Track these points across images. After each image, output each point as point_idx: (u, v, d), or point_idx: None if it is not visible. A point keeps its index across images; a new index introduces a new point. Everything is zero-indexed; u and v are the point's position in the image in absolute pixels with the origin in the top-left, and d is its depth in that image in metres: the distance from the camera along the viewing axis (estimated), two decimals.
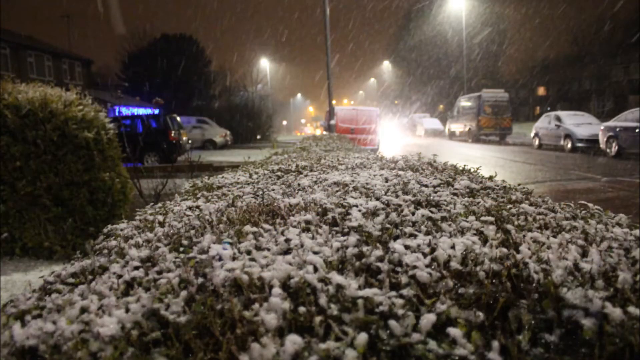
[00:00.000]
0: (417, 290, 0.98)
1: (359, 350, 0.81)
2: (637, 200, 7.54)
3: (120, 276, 1.21)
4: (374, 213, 1.57)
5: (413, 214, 1.55)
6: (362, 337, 0.83)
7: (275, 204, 1.79)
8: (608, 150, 15.13)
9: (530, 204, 1.78)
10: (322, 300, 0.94)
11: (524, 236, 1.31)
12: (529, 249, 1.18)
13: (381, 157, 3.85)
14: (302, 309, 0.91)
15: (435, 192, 1.95)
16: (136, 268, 1.26)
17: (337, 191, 2.04)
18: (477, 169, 2.89)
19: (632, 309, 0.86)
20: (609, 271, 1.06)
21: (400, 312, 0.89)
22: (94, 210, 4.49)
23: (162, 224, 1.82)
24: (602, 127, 15.87)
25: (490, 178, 2.46)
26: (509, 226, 1.39)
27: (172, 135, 16.35)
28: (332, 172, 2.78)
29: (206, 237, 1.38)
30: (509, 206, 1.71)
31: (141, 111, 23.99)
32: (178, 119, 17.89)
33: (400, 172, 2.55)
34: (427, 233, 1.36)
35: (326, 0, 16.41)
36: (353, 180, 2.29)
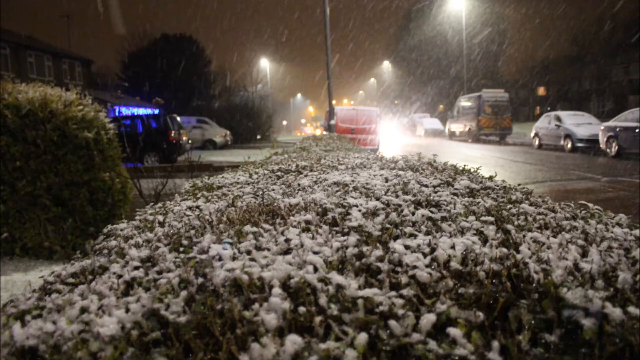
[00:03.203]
0: (417, 290, 0.98)
1: (359, 350, 0.81)
2: (637, 200, 7.54)
3: (120, 276, 1.21)
4: (374, 213, 1.57)
5: (413, 214, 1.55)
6: (362, 337, 0.83)
7: (275, 204, 1.79)
8: (608, 150, 15.13)
9: (530, 204, 1.78)
10: (322, 300, 0.94)
11: (524, 236, 1.31)
12: (529, 249, 1.18)
13: (381, 157, 3.85)
14: (302, 309, 0.91)
15: (435, 192, 1.95)
16: (136, 268, 1.26)
17: (337, 191, 2.04)
18: (477, 169, 2.89)
19: (632, 309, 0.86)
20: (609, 271, 1.06)
21: (400, 312, 0.89)
22: (94, 210, 4.48)
23: (162, 224, 1.82)
24: (602, 127, 15.86)
25: (490, 178, 2.46)
26: (509, 226, 1.39)
27: (172, 135, 16.35)
28: (332, 172, 2.78)
29: (206, 237, 1.38)
30: (509, 206, 1.71)
31: (141, 111, 24.00)
32: (178, 119, 17.89)
33: (400, 172, 2.55)
34: (427, 233, 1.36)
35: (326, 0, 16.41)
36: (353, 180, 2.29)
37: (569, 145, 17.88)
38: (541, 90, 50.95)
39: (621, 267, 1.07)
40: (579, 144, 17.41)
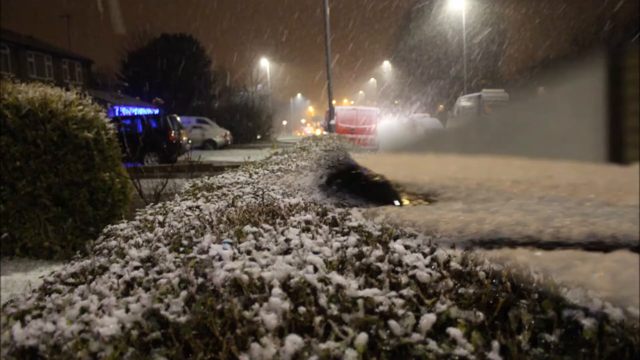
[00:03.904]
0: (417, 290, 0.98)
1: (359, 350, 0.81)
2: None
3: (120, 276, 1.21)
4: (374, 213, 1.57)
5: None
6: (362, 337, 0.83)
7: (275, 204, 1.79)
8: None
9: None
10: (322, 300, 0.94)
11: None
12: None
13: None
14: (302, 309, 0.91)
15: None
16: (136, 268, 1.26)
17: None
18: None
19: (632, 309, 0.86)
20: None
21: (400, 312, 0.89)
22: (94, 210, 4.48)
23: (162, 224, 1.82)
24: None
25: None
26: None
27: (172, 135, 16.34)
28: None
29: (206, 237, 1.38)
30: None
31: (141, 111, 23.97)
32: (178, 119, 17.89)
33: None
34: (427, 233, 1.36)
35: (326, 0, 16.41)
36: None
37: None
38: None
39: None
40: None
